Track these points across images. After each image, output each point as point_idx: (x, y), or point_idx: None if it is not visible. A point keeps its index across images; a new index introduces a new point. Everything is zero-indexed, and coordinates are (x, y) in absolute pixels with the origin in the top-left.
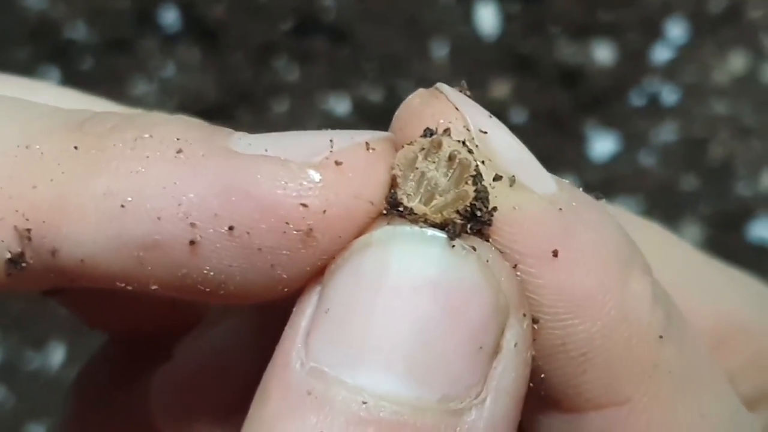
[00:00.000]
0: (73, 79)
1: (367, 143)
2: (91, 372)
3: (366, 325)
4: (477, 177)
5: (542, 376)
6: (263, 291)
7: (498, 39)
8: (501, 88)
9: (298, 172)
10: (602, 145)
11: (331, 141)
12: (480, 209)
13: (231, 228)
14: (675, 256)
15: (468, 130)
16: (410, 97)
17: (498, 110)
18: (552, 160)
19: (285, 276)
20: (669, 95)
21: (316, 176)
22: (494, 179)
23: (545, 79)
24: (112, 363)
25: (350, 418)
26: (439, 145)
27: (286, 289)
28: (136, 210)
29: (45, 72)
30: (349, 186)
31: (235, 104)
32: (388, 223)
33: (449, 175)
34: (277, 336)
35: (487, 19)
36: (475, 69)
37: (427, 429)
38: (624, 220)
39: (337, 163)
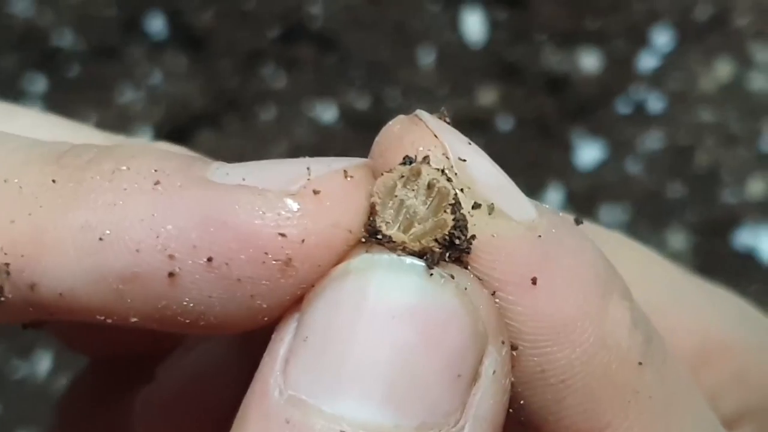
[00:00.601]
0: (60, 86)
1: (345, 171)
2: (76, 388)
3: (344, 353)
4: (456, 205)
5: (522, 402)
6: (243, 321)
7: (485, 46)
8: (488, 96)
9: (276, 201)
10: (589, 152)
11: (308, 169)
12: (458, 237)
13: (210, 259)
14: (656, 275)
15: (447, 158)
16: (390, 123)
17: (485, 117)
18: (538, 168)
19: (265, 306)
20: (655, 103)
21: (294, 205)
22: (473, 207)
23: (532, 87)
24: (95, 382)
25: None
26: (418, 173)
27: (266, 319)
28: (114, 243)
29: (32, 79)
30: (327, 215)
31: (223, 111)
32: (367, 251)
33: (428, 203)
34: (258, 358)
35: (474, 27)
36: (462, 76)
37: None
38: (605, 239)
39: (315, 192)
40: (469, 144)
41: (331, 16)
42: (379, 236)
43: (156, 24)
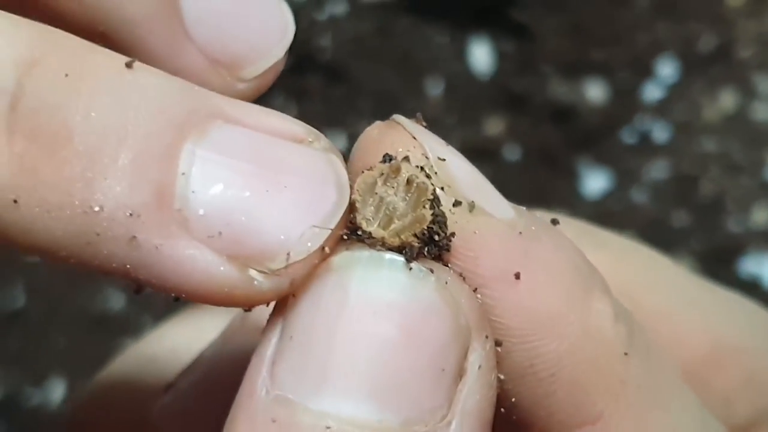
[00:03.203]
0: None
1: (322, 248)
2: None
3: (328, 351)
4: (434, 201)
5: (513, 400)
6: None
7: (492, 77)
8: (495, 126)
9: (250, 282)
10: (594, 181)
11: (288, 255)
12: (438, 233)
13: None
14: (667, 279)
15: (426, 157)
16: (369, 128)
17: (492, 147)
18: (545, 197)
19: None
20: (660, 133)
21: (267, 284)
22: (454, 205)
23: (538, 117)
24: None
25: None
26: (398, 170)
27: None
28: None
29: None
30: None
31: None
32: (347, 249)
33: (407, 199)
34: None
35: (481, 58)
36: (469, 106)
37: None
38: (617, 244)
39: (292, 283)
40: (447, 146)
41: (339, 48)
42: (360, 233)
43: None
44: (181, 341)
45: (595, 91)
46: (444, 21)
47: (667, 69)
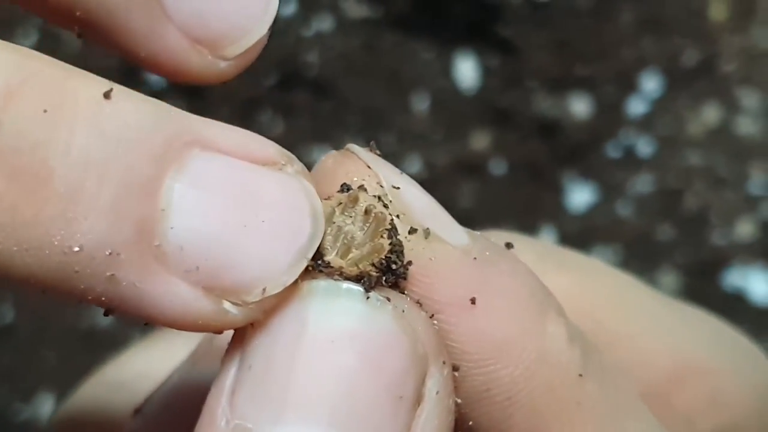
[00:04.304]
0: None
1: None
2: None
3: (287, 380)
4: (392, 230)
5: (470, 423)
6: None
7: (477, 92)
8: (481, 140)
9: (224, 315)
10: (580, 195)
11: (263, 290)
12: (395, 262)
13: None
14: (631, 299)
15: (381, 186)
16: (323, 158)
17: (478, 162)
18: (531, 210)
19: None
20: (644, 147)
21: (239, 315)
22: (410, 232)
23: (524, 132)
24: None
25: None
26: (356, 199)
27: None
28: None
29: None
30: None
31: None
32: (304, 278)
33: (365, 228)
34: None
35: (467, 74)
36: (455, 122)
37: None
38: (581, 264)
39: (266, 311)
40: (401, 174)
41: (326, 64)
42: (318, 262)
43: None
44: (151, 363)
45: (580, 106)
46: (430, 37)
47: (651, 83)
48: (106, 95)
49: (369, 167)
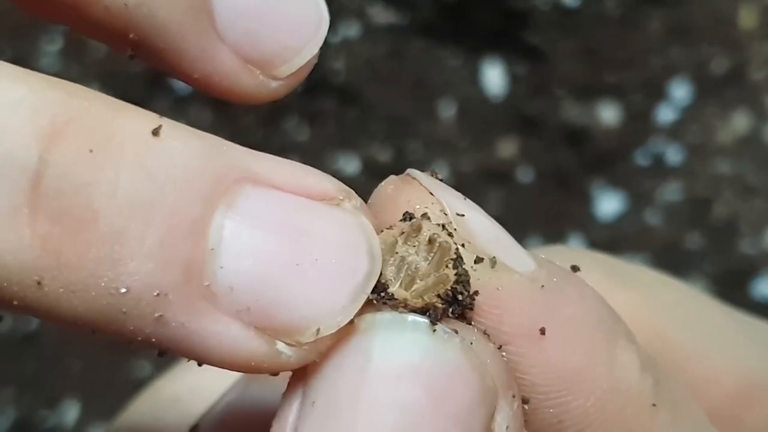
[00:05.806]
0: None
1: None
2: None
3: (352, 417)
4: (457, 260)
5: None
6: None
7: (505, 100)
8: (508, 148)
9: (278, 355)
10: (608, 204)
11: (317, 331)
12: (461, 293)
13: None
14: (696, 314)
15: (445, 213)
16: (382, 184)
17: (505, 170)
18: (559, 219)
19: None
20: (674, 155)
21: (296, 356)
22: (476, 261)
23: (551, 139)
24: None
25: None
26: (419, 229)
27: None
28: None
29: None
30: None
31: None
32: (369, 311)
33: (429, 258)
34: None
35: (494, 81)
36: (482, 129)
37: None
38: (645, 279)
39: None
40: (465, 199)
41: (353, 71)
42: (382, 294)
43: None
44: (204, 378)
45: (609, 114)
46: (457, 44)
47: (680, 91)
48: (155, 132)
49: (431, 194)
